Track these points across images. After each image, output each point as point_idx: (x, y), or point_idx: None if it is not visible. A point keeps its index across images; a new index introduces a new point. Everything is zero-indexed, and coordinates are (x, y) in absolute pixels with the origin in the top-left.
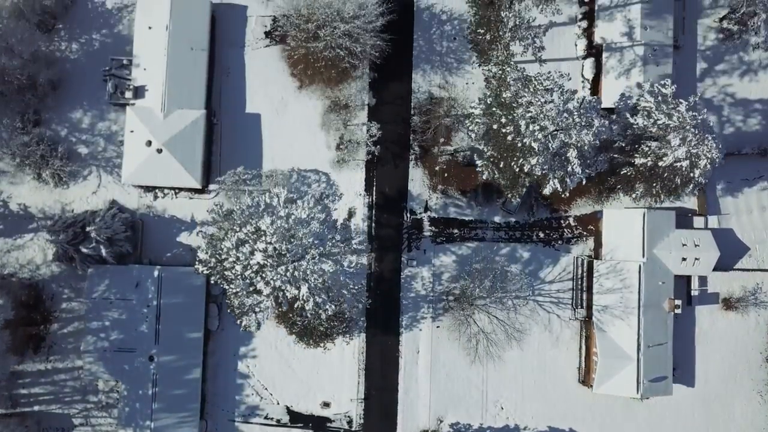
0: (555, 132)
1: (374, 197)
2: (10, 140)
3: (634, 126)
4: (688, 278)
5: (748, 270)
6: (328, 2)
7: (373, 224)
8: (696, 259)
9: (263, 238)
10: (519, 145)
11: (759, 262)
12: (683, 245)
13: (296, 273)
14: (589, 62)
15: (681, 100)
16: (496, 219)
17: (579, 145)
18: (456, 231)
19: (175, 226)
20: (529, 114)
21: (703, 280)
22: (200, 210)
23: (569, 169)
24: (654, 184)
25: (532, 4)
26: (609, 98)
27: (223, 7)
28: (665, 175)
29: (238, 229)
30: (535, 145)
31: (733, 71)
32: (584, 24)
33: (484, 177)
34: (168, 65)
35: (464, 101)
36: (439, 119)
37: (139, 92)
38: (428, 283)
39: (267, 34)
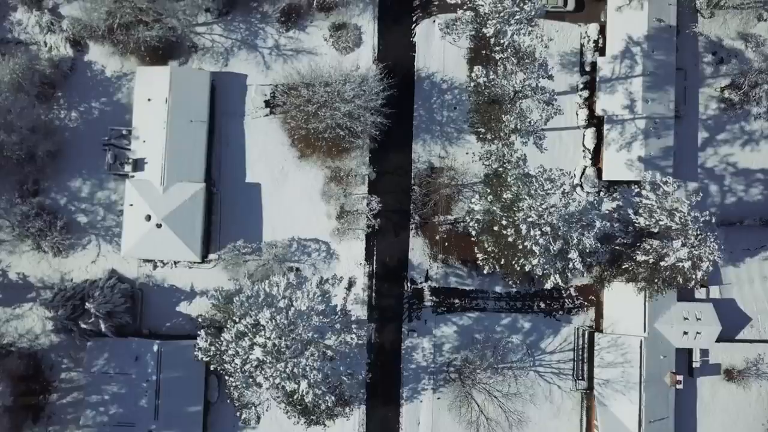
0: (556, 235)
1: (375, 267)
2: (8, 210)
3: (636, 224)
4: (690, 349)
5: (750, 341)
6: (327, 80)
7: (374, 294)
8: (698, 332)
9: (263, 333)
10: (520, 247)
11: (761, 332)
12: (685, 319)
13: (295, 369)
14: (591, 132)
15: (683, 199)
16: (497, 289)
17: (580, 247)
18: (457, 301)
19: (174, 295)
20: (530, 219)
21: (704, 351)
22: (200, 279)
23: (570, 265)
24: (656, 280)
25: (534, 107)
26: (610, 171)
27: (223, 76)
28: (667, 273)
29: (237, 320)
30: (536, 249)
31: (734, 140)
32: (585, 93)
33: (485, 271)
34: (167, 138)
35: (465, 170)
36: (440, 189)
37: (138, 165)
38: (429, 354)
39: (267, 103)
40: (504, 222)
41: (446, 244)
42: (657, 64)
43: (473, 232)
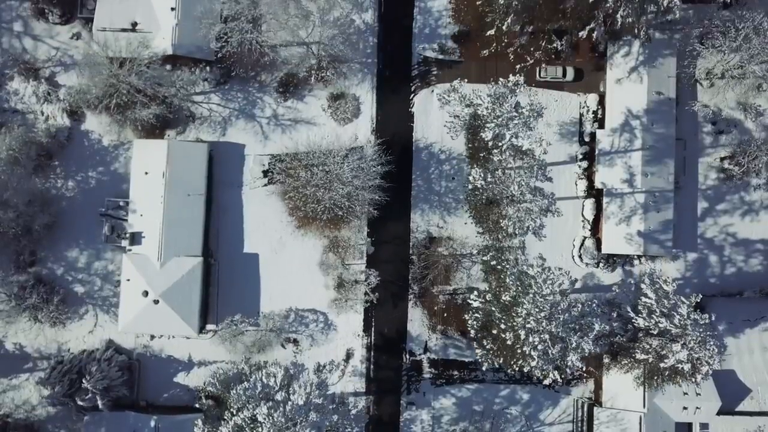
0: (555, 339)
1: (373, 338)
2: (5, 281)
3: (635, 324)
4: (690, 423)
5: (750, 413)
6: (325, 162)
7: (372, 366)
8: (697, 407)
9: (259, 430)
10: (519, 351)
11: (761, 404)
12: (684, 394)
13: None
14: (590, 203)
15: (682, 299)
16: None
17: (579, 351)
18: (456, 372)
19: (172, 366)
20: (529, 325)
21: (704, 425)
22: (198, 350)
23: (568, 363)
24: (655, 377)
25: (535, 213)
26: (609, 244)
27: (221, 146)
28: (666, 373)
29: (235, 411)
30: (534, 354)
31: (734, 211)
32: (584, 164)
33: (484, 368)
34: (164, 213)
35: (463, 241)
36: (438, 260)
37: (135, 239)
38: (428, 427)
39: (265, 173)
40: (503, 326)
41: (445, 314)
42: (656, 138)
43: (472, 331)
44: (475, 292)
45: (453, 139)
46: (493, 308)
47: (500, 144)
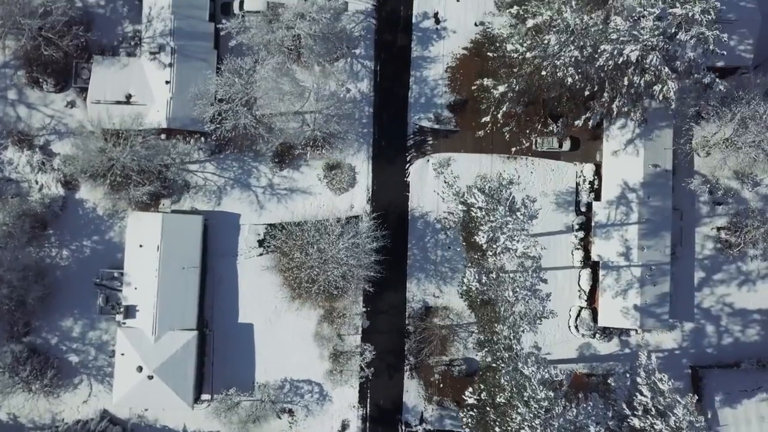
0: None
1: (368, 409)
2: None
3: (630, 423)
4: None
5: None
6: (318, 239)
7: None
8: None
9: None
10: None
11: None
12: None
13: None
14: (586, 273)
15: (678, 398)
16: None
17: None
18: None
19: None
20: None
21: None
22: (192, 421)
23: None
24: None
25: (530, 317)
26: (606, 317)
27: (216, 215)
28: None
29: None
30: None
31: (731, 281)
32: (581, 234)
33: None
34: (159, 286)
35: (460, 311)
36: (434, 330)
37: (129, 312)
38: None
39: (260, 242)
40: (497, 429)
41: (441, 385)
42: (653, 210)
43: (467, 430)
44: (470, 389)
45: (448, 237)
46: (488, 408)
47: (495, 246)
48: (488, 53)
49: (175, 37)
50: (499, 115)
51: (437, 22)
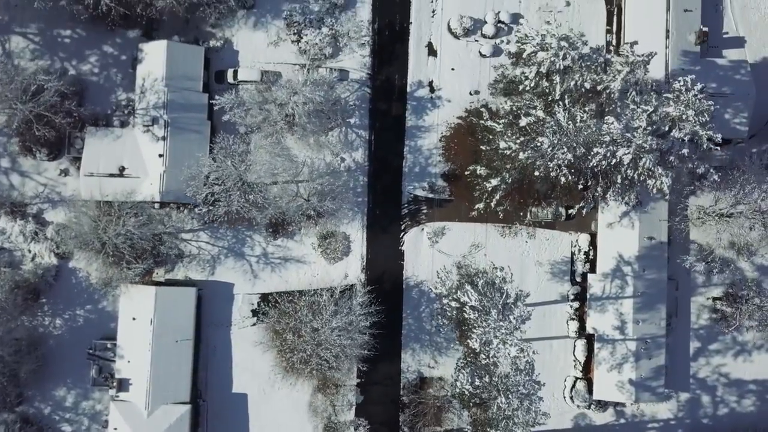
0: None
1: None
2: None
3: None
4: None
5: None
6: (310, 319)
7: None
8: None
9: None
10: None
11: None
12: None
13: None
14: (581, 343)
15: None
16: None
17: None
18: None
19: None
20: None
21: None
22: None
23: None
24: None
25: (524, 428)
26: (601, 390)
27: (210, 285)
28: None
29: None
30: None
31: (726, 351)
32: (576, 304)
33: None
34: (152, 360)
35: (454, 382)
36: (429, 401)
37: (122, 385)
38: None
39: (254, 312)
40: None
41: None
42: (648, 284)
43: None
44: None
45: (440, 333)
46: None
47: (488, 349)
48: (481, 145)
49: (169, 109)
50: (493, 204)
51: (432, 91)
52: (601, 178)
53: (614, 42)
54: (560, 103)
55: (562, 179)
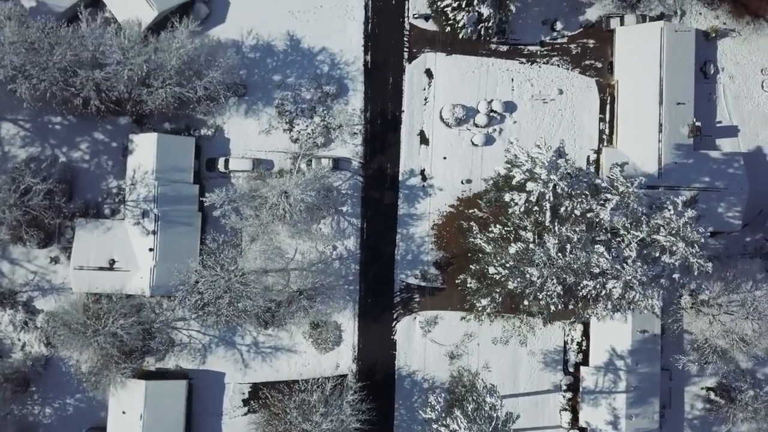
0: None
1: None
2: None
3: None
4: None
5: None
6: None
7: None
8: None
9: None
10: None
11: None
12: None
13: None
14: None
15: None
16: None
17: None
18: None
19: None
20: None
21: None
22: None
23: None
24: None
25: None
26: None
27: (200, 374)
28: None
29: None
30: None
31: None
32: (569, 395)
33: None
34: None
35: None
36: None
37: None
38: None
39: (245, 401)
40: None
41: None
42: (641, 377)
43: None
44: None
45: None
46: None
47: None
48: (471, 264)
49: (159, 203)
50: (483, 317)
51: (424, 179)
52: (591, 300)
53: (607, 131)
54: (551, 229)
55: (552, 307)
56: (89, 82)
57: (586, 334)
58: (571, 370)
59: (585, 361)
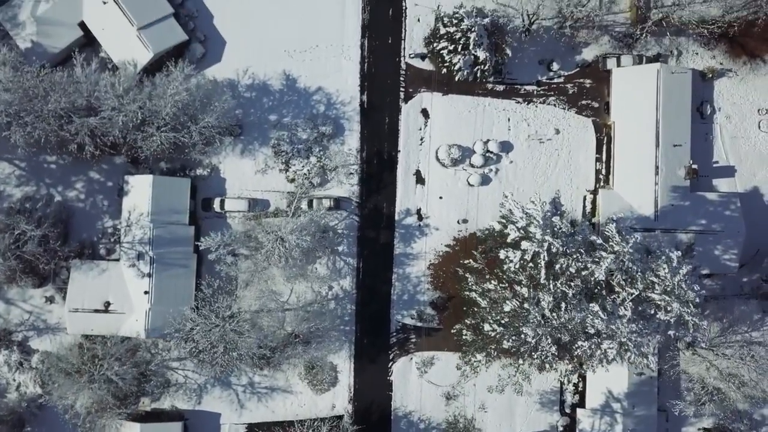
0: None
1: None
2: None
3: None
4: None
5: None
6: None
7: None
8: None
9: None
10: None
11: None
12: None
13: None
14: None
15: None
16: None
17: None
18: None
19: None
20: None
21: None
22: None
23: None
24: None
25: None
26: None
27: (196, 414)
28: None
29: None
30: None
31: None
32: None
33: None
34: None
35: None
36: None
37: None
38: None
39: None
40: None
41: None
42: (637, 420)
43: None
44: None
45: None
46: None
47: None
48: (467, 318)
49: (154, 245)
50: (479, 369)
51: (420, 218)
52: (586, 358)
53: (603, 171)
54: (545, 285)
55: (547, 366)
56: (84, 128)
57: (582, 375)
58: (567, 410)
59: (582, 402)
